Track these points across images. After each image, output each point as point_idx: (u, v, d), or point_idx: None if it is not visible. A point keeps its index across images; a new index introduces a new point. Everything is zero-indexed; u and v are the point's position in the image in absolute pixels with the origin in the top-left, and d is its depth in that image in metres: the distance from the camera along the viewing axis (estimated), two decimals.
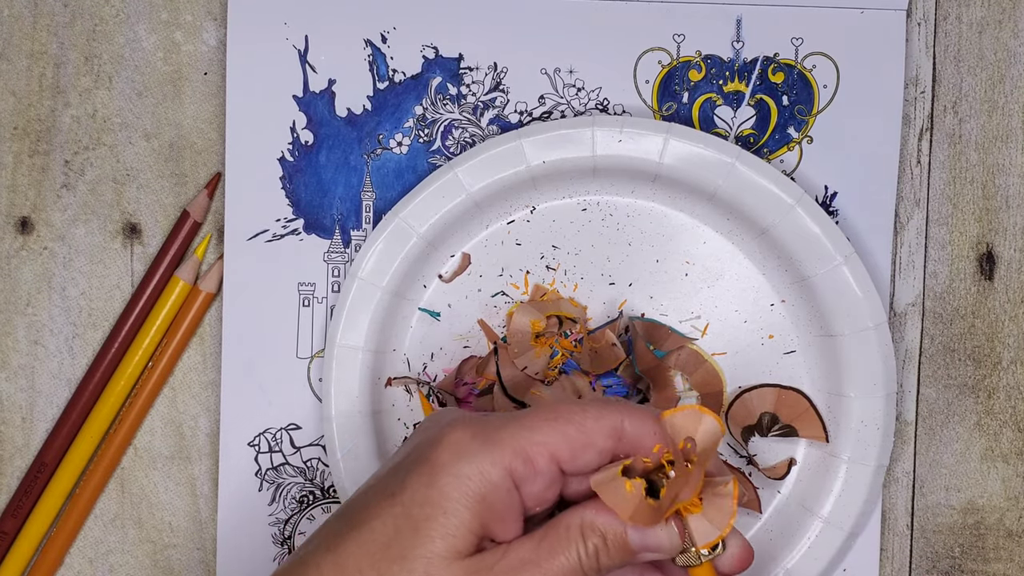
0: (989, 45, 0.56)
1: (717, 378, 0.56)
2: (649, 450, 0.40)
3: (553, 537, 0.39)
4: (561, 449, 0.39)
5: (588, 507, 0.40)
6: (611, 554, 0.40)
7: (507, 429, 0.39)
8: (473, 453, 0.39)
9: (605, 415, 0.40)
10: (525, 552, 0.39)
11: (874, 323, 0.53)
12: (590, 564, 0.39)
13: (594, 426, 0.40)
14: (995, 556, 0.56)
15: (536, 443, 0.39)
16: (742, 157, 0.53)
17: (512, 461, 0.39)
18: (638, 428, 0.40)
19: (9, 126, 0.56)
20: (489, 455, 0.39)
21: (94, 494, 0.56)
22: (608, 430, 0.40)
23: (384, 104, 0.56)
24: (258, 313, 0.55)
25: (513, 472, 0.39)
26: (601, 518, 0.40)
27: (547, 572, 0.39)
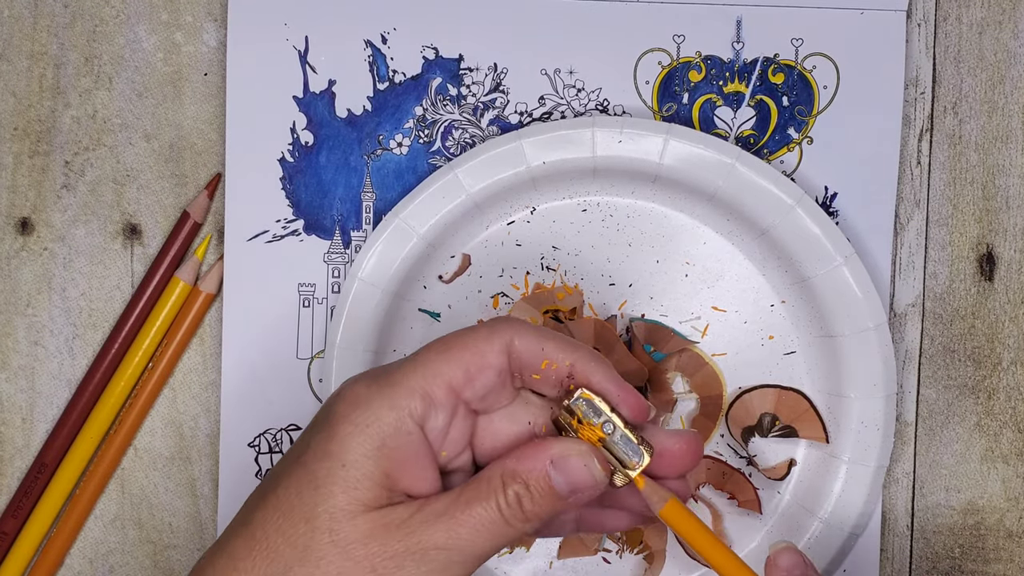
0: (989, 46, 0.56)
1: (717, 380, 0.56)
2: (538, 367, 0.40)
3: (472, 489, 0.38)
4: (456, 376, 0.39)
5: (508, 457, 0.39)
6: (536, 500, 0.38)
7: (401, 371, 0.39)
8: (369, 400, 0.38)
9: (495, 333, 0.39)
10: (441, 505, 0.38)
11: (874, 324, 0.53)
12: (512, 512, 0.38)
13: (485, 346, 0.39)
14: (995, 557, 0.56)
15: (430, 376, 0.39)
16: (742, 158, 0.53)
17: (408, 400, 0.38)
18: (527, 345, 0.40)
19: (9, 127, 0.56)
20: (384, 399, 0.38)
21: (94, 495, 0.56)
22: (499, 347, 0.39)
23: (384, 105, 0.56)
24: (258, 314, 0.55)
25: (412, 412, 0.38)
26: (523, 465, 0.39)
27: (464, 523, 0.38)
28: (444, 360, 0.39)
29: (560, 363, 0.40)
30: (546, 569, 0.56)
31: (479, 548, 0.38)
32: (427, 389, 0.39)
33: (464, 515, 0.38)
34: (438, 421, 0.39)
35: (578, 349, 0.40)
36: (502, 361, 0.40)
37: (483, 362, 0.39)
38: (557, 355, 0.40)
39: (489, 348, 0.39)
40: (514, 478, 0.38)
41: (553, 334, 0.40)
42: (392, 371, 0.40)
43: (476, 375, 0.39)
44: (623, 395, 0.40)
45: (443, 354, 0.39)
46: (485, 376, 0.39)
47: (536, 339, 0.40)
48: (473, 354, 0.39)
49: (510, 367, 0.40)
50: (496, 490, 0.38)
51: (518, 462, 0.39)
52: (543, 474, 0.39)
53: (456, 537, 0.38)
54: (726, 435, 0.56)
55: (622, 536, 0.56)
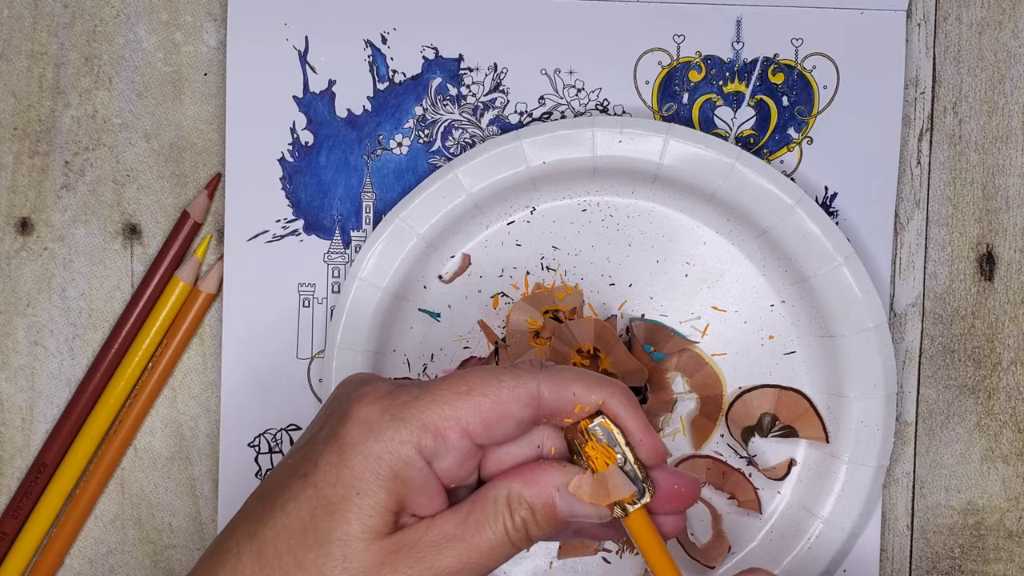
0: (989, 46, 0.56)
1: (717, 381, 0.56)
2: (571, 413, 0.39)
3: (479, 511, 0.39)
4: (474, 423, 0.38)
5: (514, 478, 0.39)
6: (540, 525, 0.39)
7: (416, 404, 0.38)
8: (381, 430, 0.38)
9: (520, 384, 0.39)
10: (450, 527, 0.38)
11: (874, 324, 0.53)
12: (518, 536, 0.39)
13: (509, 396, 0.39)
14: (995, 557, 0.56)
15: (446, 418, 0.38)
16: (742, 158, 0.53)
17: (421, 438, 0.38)
18: (557, 393, 0.39)
19: (9, 127, 0.56)
20: (397, 433, 0.38)
21: (94, 495, 0.56)
22: (525, 399, 0.39)
23: (384, 105, 0.56)
24: (258, 314, 0.55)
25: (423, 449, 0.38)
26: (529, 490, 0.39)
27: (473, 547, 0.38)
28: (462, 403, 0.38)
29: (592, 403, 0.39)
30: (546, 569, 0.56)
31: (486, 568, 0.39)
32: (440, 429, 0.38)
33: (473, 539, 0.38)
34: (447, 461, 0.39)
35: (607, 387, 0.40)
36: (525, 413, 0.39)
37: (504, 413, 0.39)
38: (588, 396, 0.39)
39: (513, 400, 0.39)
40: (520, 503, 0.39)
41: (578, 373, 0.40)
42: (408, 401, 0.39)
43: (495, 425, 0.39)
44: (644, 437, 0.40)
45: (463, 397, 0.38)
46: (504, 426, 0.39)
47: (564, 386, 0.39)
48: (494, 404, 0.38)
49: (536, 415, 0.39)
50: (503, 513, 0.39)
51: (524, 487, 0.39)
52: (550, 501, 0.39)
53: (465, 561, 0.38)
54: (726, 435, 0.56)
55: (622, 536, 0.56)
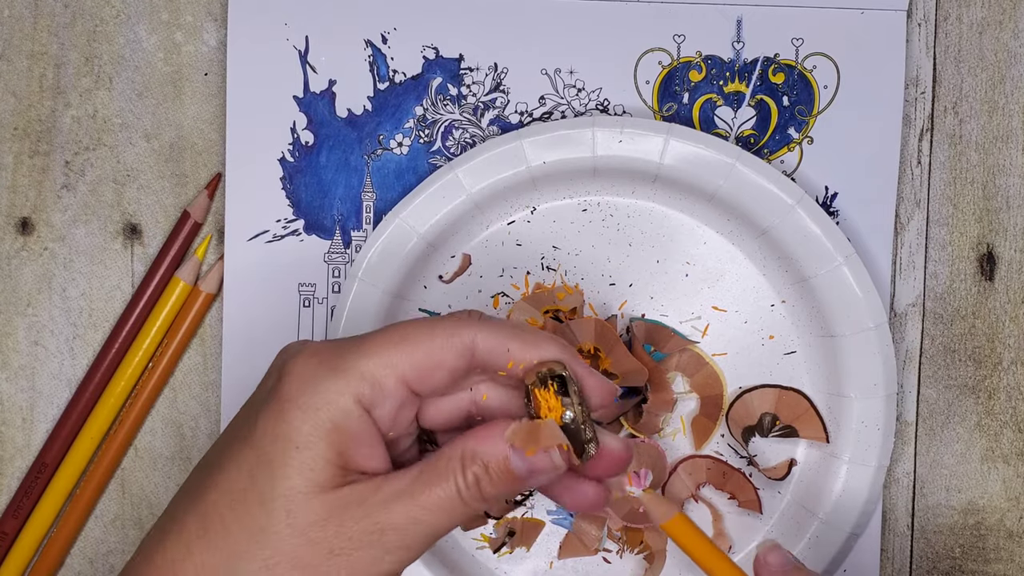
0: (989, 46, 0.56)
1: (717, 380, 0.56)
2: (504, 366, 0.39)
3: (431, 469, 0.38)
4: (408, 371, 0.38)
5: (468, 436, 0.39)
6: (494, 482, 0.38)
7: (352, 354, 0.38)
8: (319, 381, 0.38)
9: (456, 334, 0.39)
10: (400, 484, 0.38)
11: (874, 324, 0.53)
12: (471, 494, 0.38)
13: (443, 345, 0.39)
14: (995, 557, 0.56)
15: (382, 366, 0.38)
16: (742, 158, 0.53)
17: (359, 387, 0.38)
18: (491, 347, 0.39)
19: (9, 127, 0.56)
20: (335, 383, 0.38)
21: (94, 495, 0.56)
22: (459, 349, 0.39)
23: (384, 105, 0.56)
24: (258, 314, 0.55)
25: (361, 398, 0.38)
26: (483, 446, 0.38)
27: (423, 503, 0.38)
28: (398, 352, 0.38)
29: (527, 361, 0.39)
30: (546, 569, 0.56)
31: (436, 527, 0.38)
32: (377, 377, 0.38)
33: (423, 496, 0.38)
34: (385, 408, 0.39)
35: (543, 343, 0.40)
36: (459, 363, 0.39)
37: (438, 362, 0.39)
38: (523, 354, 0.39)
39: (447, 348, 0.39)
40: (474, 460, 0.38)
41: (518, 331, 0.40)
42: (343, 352, 0.39)
43: (428, 374, 0.39)
44: (590, 381, 0.40)
45: (398, 346, 0.39)
46: (438, 375, 0.39)
47: (501, 339, 0.39)
48: (428, 353, 0.39)
49: (470, 364, 0.39)
50: (455, 471, 0.38)
51: (478, 443, 0.39)
52: (503, 457, 0.39)
53: (414, 518, 0.38)
54: (726, 435, 0.56)
55: (622, 536, 0.56)
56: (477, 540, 0.56)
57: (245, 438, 0.39)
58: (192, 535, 0.38)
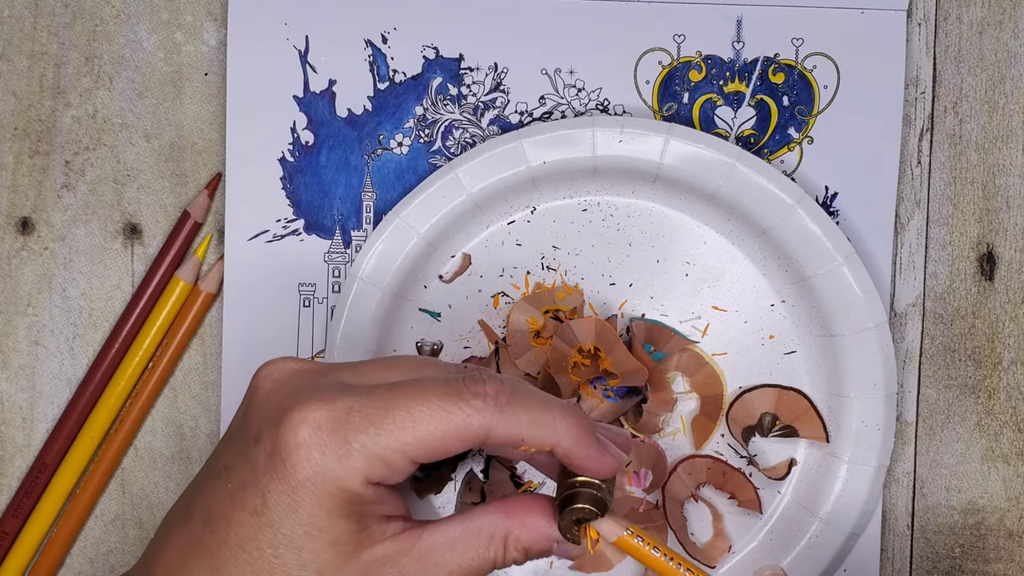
0: (989, 45, 0.56)
1: (717, 380, 0.56)
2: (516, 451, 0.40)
3: (472, 544, 0.40)
4: (417, 454, 0.38)
5: (511, 518, 0.40)
6: (529, 559, 0.41)
7: (363, 435, 0.38)
8: (328, 468, 0.38)
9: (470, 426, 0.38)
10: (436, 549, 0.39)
11: (874, 323, 0.53)
12: (505, 564, 0.41)
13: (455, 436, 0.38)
14: (995, 556, 0.56)
15: (392, 450, 0.38)
16: (742, 157, 0.53)
17: (371, 470, 0.38)
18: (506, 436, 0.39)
19: (9, 127, 0.56)
20: (346, 470, 0.38)
21: (95, 494, 0.56)
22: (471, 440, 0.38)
23: (384, 104, 0.56)
24: (258, 314, 0.55)
25: (371, 477, 0.38)
26: (527, 536, 0.40)
27: (458, 570, 0.40)
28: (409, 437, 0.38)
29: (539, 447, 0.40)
30: (546, 569, 0.56)
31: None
32: (387, 460, 0.38)
33: (461, 570, 0.40)
34: (395, 478, 0.39)
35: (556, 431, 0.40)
36: (470, 447, 0.39)
37: (449, 449, 0.39)
38: (536, 442, 0.39)
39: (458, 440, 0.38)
40: (516, 546, 0.40)
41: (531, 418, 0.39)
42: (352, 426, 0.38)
43: (439, 455, 0.39)
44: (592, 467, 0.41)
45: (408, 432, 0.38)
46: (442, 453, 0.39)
47: (513, 429, 0.39)
48: (440, 441, 0.38)
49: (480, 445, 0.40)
50: (496, 549, 0.40)
51: (523, 531, 0.40)
52: (547, 548, 0.41)
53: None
54: (726, 435, 0.56)
55: None
56: None
57: (258, 514, 0.38)
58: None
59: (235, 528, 0.38)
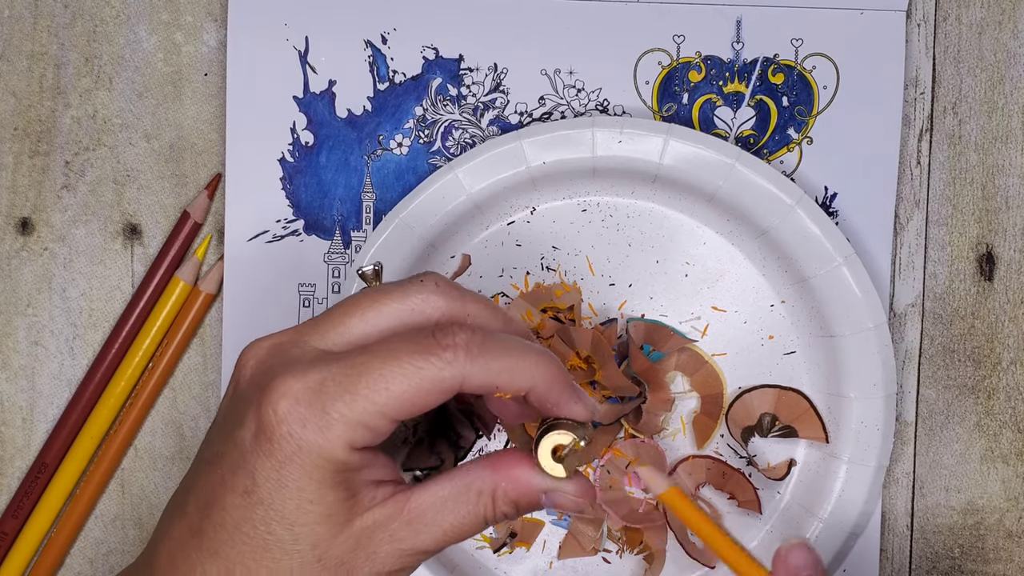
0: (989, 46, 0.56)
1: (717, 379, 0.56)
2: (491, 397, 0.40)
3: (462, 501, 0.40)
4: (396, 412, 0.38)
5: (498, 472, 0.40)
6: (520, 512, 0.41)
7: (338, 405, 0.38)
8: (311, 439, 0.38)
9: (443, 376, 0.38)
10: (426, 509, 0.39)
11: (874, 324, 0.53)
12: (496, 520, 0.41)
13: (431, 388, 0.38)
14: (995, 557, 0.57)
15: (371, 413, 0.38)
16: (742, 158, 0.53)
17: (351, 436, 0.38)
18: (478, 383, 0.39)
19: (9, 127, 0.56)
20: (328, 440, 0.38)
21: (95, 495, 0.56)
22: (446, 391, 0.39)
23: (384, 105, 0.56)
24: (258, 314, 0.55)
25: (354, 443, 0.38)
26: (515, 490, 0.40)
27: (451, 534, 0.40)
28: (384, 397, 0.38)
29: (514, 393, 0.40)
30: (546, 569, 0.56)
31: (458, 541, 0.40)
32: (367, 422, 0.38)
33: (453, 528, 0.39)
34: (378, 439, 0.39)
35: (531, 375, 0.40)
36: (447, 397, 0.39)
37: (426, 402, 0.39)
38: (510, 387, 0.39)
39: (434, 390, 0.39)
40: (506, 500, 0.40)
41: (506, 364, 0.39)
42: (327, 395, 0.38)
43: (418, 408, 0.39)
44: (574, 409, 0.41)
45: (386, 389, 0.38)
46: (427, 407, 0.39)
47: (487, 375, 0.39)
48: (416, 394, 0.38)
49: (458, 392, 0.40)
50: (486, 505, 0.40)
51: (511, 486, 0.40)
52: (536, 501, 0.41)
53: (442, 539, 0.40)
54: (726, 435, 0.56)
55: (622, 536, 0.56)
56: (477, 540, 0.56)
57: (248, 492, 0.39)
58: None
59: (229, 511, 0.39)
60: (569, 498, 0.41)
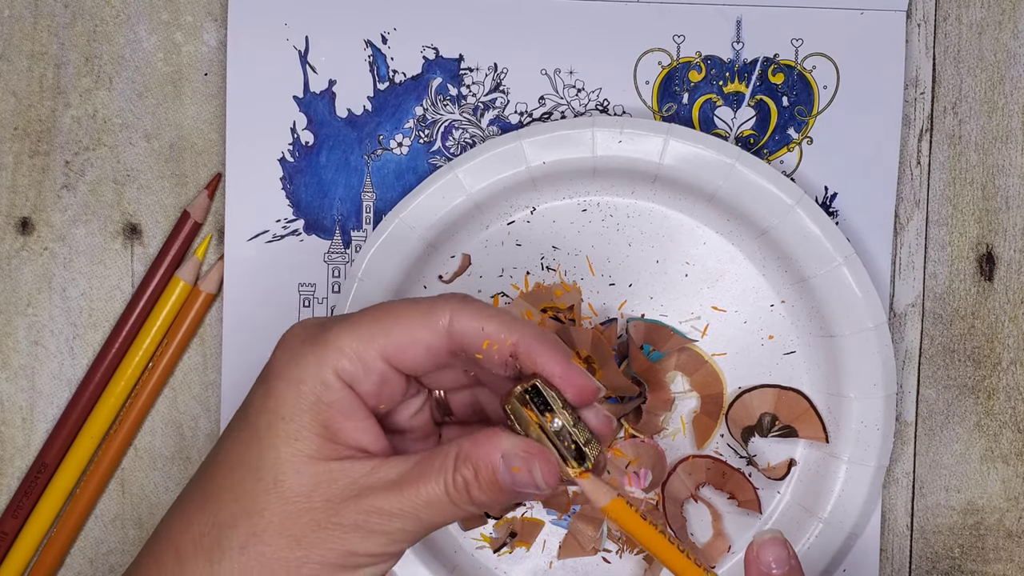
0: (989, 46, 0.56)
1: (717, 379, 0.56)
2: (479, 347, 0.39)
3: (426, 463, 0.39)
4: (387, 346, 0.39)
5: (466, 438, 0.39)
6: (483, 489, 0.38)
7: (333, 331, 0.39)
8: (301, 355, 0.39)
9: (433, 312, 0.39)
10: (395, 473, 0.38)
11: (874, 324, 0.53)
12: (459, 496, 0.38)
13: (421, 322, 0.39)
14: (995, 557, 0.57)
15: (362, 340, 0.39)
16: (742, 158, 0.53)
17: (339, 361, 0.38)
18: (467, 326, 0.39)
19: (10, 127, 0.56)
20: (316, 356, 0.38)
21: (94, 494, 0.56)
22: (435, 327, 0.39)
23: (384, 105, 0.56)
24: (258, 314, 0.55)
25: (340, 372, 0.38)
26: (476, 449, 0.38)
27: (411, 495, 0.38)
28: (377, 326, 0.39)
29: (501, 343, 0.39)
30: (546, 569, 0.56)
31: (423, 521, 0.39)
32: (356, 351, 0.39)
33: (412, 488, 0.38)
34: (368, 384, 0.39)
35: (521, 328, 0.40)
36: (436, 341, 0.39)
37: (415, 338, 0.39)
38: (498, 335, 0.39)
39: (424, 325, 0.39)
40: (465, 462, 0.38)
41: (497, 312, 0.40)
42: (328, 327, 0.39)
43: (406, 350, 0.39)
44: (568, 376, 0.40)
45: (377, 321, 0.39)
46: (416, 352, 0.39)
47: (476, 318, 0.39)
48: (405, 328, 0.39)
49: (449, 345, 0.40)
50: (447, 469, 0.38)
51: (472, 446, 0.39)
52: (493, 465, 0.38)
53: (401, 507, 0.38)
54: (726, 435, 0.56)
55: (622, 536, 0.56)
56: (477, 540, 0.56)
57: (241, 415, 0.40)
58: (193, 507, 0.39)
59: (223, 436, 0.40)
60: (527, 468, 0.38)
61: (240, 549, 0.38)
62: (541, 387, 0.39)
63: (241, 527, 0.38)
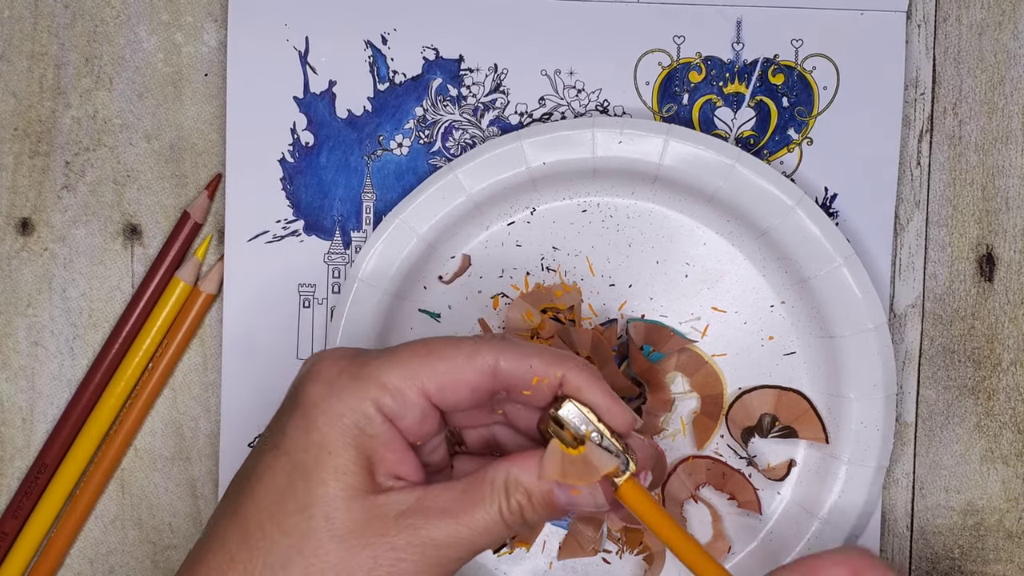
0: (989, 47, 0.56)
1: (717, 379, 0.56)
2: (528, 385, 0.40)
3: (476, 491, 0.39)
4: (430, 385, 0.39)
5: (513, 462, 0.39)
6: (536, 510, 0.39)
7: (374, 364, 0.39)
8: (342, 388, 0.38)
9: (479, 353, 0.39)
10: (443, 501, 0.39)
11: (874, 324, 0.53)
12: (513, 518, 0.39)
13: (465, 363, 0.39)
14: (995, 557, 0.57)
15: (404, 377, 0.39)
16: (742, 159, 0.53)
17: (380, 395, 0.38)
18: (514, 365, 0.39)
19: (10, 127, 0.56)
20: (357, 390, 0.38)
21: (94, 495, 0.56)
22: (481, 367, 0.39)
23: (384, 105, 0.56)
24: (258, 314, 0.55)
25: (382, 406, 0.38)
26: (526, 476, 0.39)
27: (467, 523, 0.38)
28: (420, 365, 0.39)
29: (551, 377, 0.40)
30: (546, 569, 0.56)
31: (476, 545, 0.39)
32: (399, 388, 0.39)
33: (467, 516, 0.39)
34: (407, 420, 0.39)
35: (566, 361, 0.40)
36: (482, 381, 0.40)
37: (460, 378, 0.39)
38: (546, 370, 0.40)
39: (470, 366, 0.39)
40: (518, 488, 0.39)
41: (538, 349, 0.40)
42: (368, 360, 0.39)
43: (450, 389, 0.39)
44: (612, 407, 0.41)
45: (423, 359, 0.39)
46: (460, 392, 0.39)
47: (522, 357, 0.40)
48: (451, 368, 0.39)
49: (494, 386, 0.40)
50: (499, 495, 0.39)
51: (522, 472, 0.39)
52: (548, 491, 0.39)
53: (457, 535, 0.38)
54: (726, 435, 0.56)
55: (622, 536, 0.56)
56: None
57: (276, 446, 0.39)
58: (233, 545, 0.38)
59: (257, 467, 0.39)
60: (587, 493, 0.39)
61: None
62: (577, 406, 0.40)
63: (295, 566, 0.37)
